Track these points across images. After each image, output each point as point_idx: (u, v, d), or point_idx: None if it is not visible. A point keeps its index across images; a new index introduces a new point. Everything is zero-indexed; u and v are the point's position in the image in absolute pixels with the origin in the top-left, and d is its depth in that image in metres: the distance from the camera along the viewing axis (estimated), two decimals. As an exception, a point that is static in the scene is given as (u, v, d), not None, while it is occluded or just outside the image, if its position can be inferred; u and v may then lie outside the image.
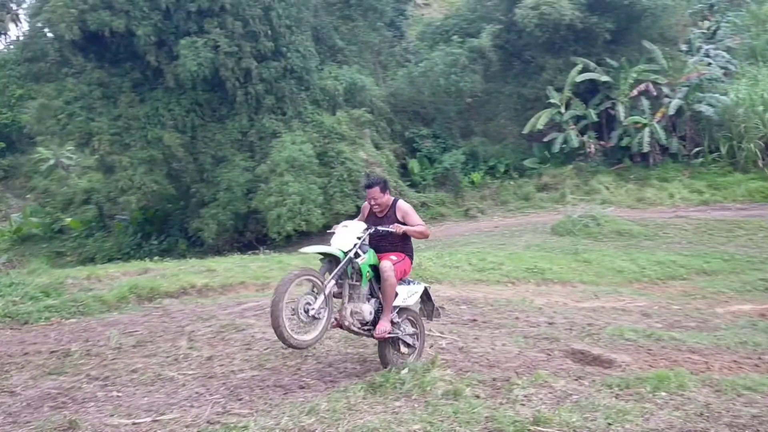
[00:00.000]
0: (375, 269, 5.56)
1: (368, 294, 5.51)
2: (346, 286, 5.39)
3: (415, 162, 27.71)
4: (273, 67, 24.38)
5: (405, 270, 5.80)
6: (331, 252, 5.31)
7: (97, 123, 24.12)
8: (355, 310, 5.38)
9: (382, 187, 5.87)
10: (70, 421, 4.38)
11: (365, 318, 5.41)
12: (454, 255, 14.45)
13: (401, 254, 5.78)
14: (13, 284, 9.62)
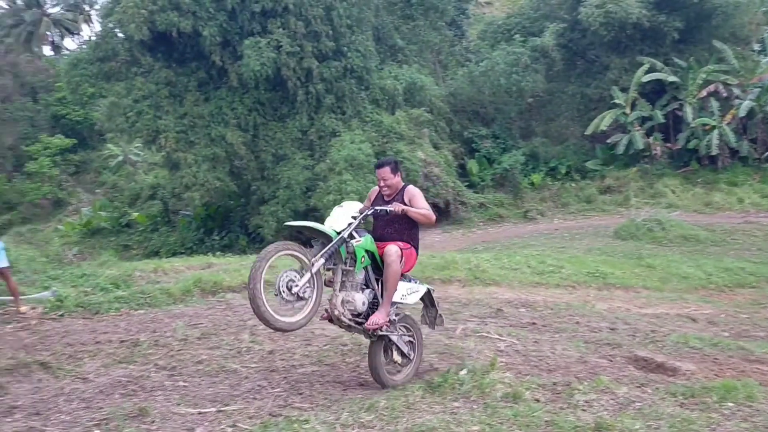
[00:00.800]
0: (372, 258, 5.16)
1: (363, 283, 5.10)
2: (339, 272, 4.95)
3: (473, 162, 27.52)
4: (333, 66, 24.60)
5: (410, 262, 5.39)
6: (321, 230, 4.86)
7: (164, 121, 24.83)
8: (347, 299, 4.94)
9: (393, 167, 5.47)
10: (140, 409, 4.55)
11: (357, 308, 4.97)
12: (512, 257, 14.28)
13: (407, 244, 5.37)
14: (84, 275, 10.06)
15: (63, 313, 7.92)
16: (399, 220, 5.29)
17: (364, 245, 5.01)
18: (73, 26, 52.05)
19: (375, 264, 5.15)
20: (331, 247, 4.78)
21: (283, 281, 4.54)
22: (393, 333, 5.25)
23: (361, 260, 4.99)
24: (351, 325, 5.04)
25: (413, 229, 5.44)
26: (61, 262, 15.96)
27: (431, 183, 24.12)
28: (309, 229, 4.92)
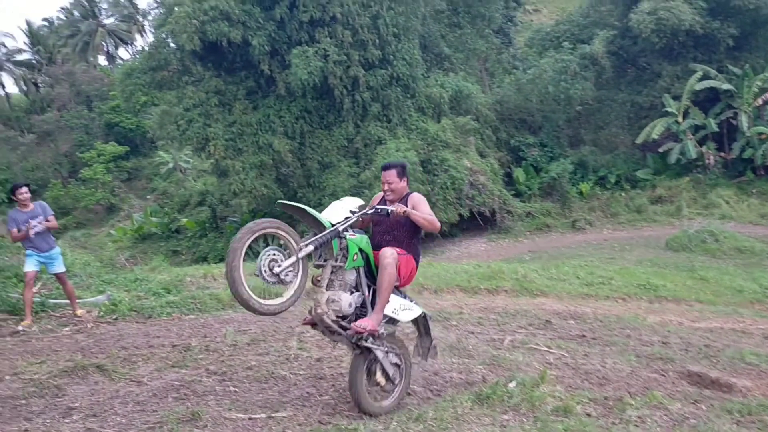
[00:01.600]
0: (366, 261, 4.77)
1: (353, 285, 4.66)
2: (328, 269, 4.55)
3: (520, 171, 27.28)
4: (380, 74, 24.74)
5: (409, 272, 4.95)
6: (315, 216, 4.49)
7: (213, 129, 25.33)
8: (333, 297, 4.50)
9: (400, 171, 5.09)
10: (192, 413, 4.63)
11: (343, 309, 4.50)
12: (560, 267, 14.08)
13: (406, 252, 4.92)
14: (137, 280, 10.30)
15: (117, 316, 8.12)
16: (399, 227, 4.95)
17: (359, 242, 4.64)
18: (127, 36, 53.70)
19: (368, 268, 4.77)
20: (324, 236, 4.41)
21: (265, 260, 4.16)
22: (379, 348, 4.78)
23: (353, 258, 4.57)
24: (333, 330, 4.55)
25: (414, 239, 5.04)
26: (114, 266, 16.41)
27: (477, 191, 23.99)
28: (303, 213, 4.54)
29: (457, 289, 11.07)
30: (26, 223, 7.84)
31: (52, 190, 38.04)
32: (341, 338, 4.66)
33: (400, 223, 4.91)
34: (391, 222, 4.92)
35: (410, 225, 4.93)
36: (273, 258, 4.19)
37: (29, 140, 41.49)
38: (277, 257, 4.21)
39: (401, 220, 4.87)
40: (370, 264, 4.78)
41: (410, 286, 5.36)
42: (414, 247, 5.05)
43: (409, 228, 4.96)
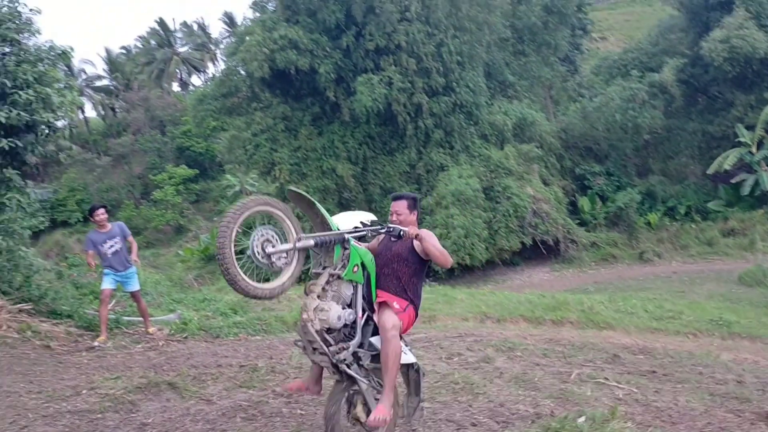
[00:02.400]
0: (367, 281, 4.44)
1: (347, 301, 4.29)
2: (325, 275, 4.22)
3: (585, 200, 26.80)
4: (443, 101, 24.88)
5: (408, 323, 4.52)
6: (324, 214, 4.25)
7: (279, 153, 25.94)
8: (322, 306, 4.14)
9: (411, 203, 4.70)
10: None
11: (330, 321, 4.10)
12: (628, 300, 13.70)
13: (404, 302, 4.48)
14: (205, 300, 10.59)
15: (187, 335, 8.35)
16: (401, 261, 4.52)
17: (363, 254, 4.34)
18: (200, 64, 55.79)
19: (367, 290, 4.42)
20: (328, 236, 4.16)
21: (259, 237, 3.90)
22: (363, 380, 4.29)
23: (353, 269, 4.24)
24: (315, 344, 4.16)
25: (414, 278, 4.58)
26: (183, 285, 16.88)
27: (540, 219, 23.68)
28: (312, 209, 4.28)
29: (521, 318, 10.90)
30: (104, 244, 8.16)
31: (125, 211, 39.57)
32: (322, 358, 4.22)
33: (403, 258, 4.53)
34: (393, 254, 4.55)
35: (414, 261, 4.54)
36: (268, 238, 3.94)
37: (105, 162, 43.38)
38: (272, 238, 3.96)
39: (405, 255, 4.52)
40: (370, 286, 4.43)
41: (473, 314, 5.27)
42: (414, 288, 4.59)
43: (411, 264, 4.54)
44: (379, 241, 4.74)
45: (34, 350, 7.84)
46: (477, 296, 13.43)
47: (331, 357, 4.14)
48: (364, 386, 4.31)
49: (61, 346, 8.02)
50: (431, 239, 4.45)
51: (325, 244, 4.18)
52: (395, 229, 4.36)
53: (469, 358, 7.52)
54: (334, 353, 4.13)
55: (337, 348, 4.14)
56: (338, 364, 4.16)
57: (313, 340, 4.13)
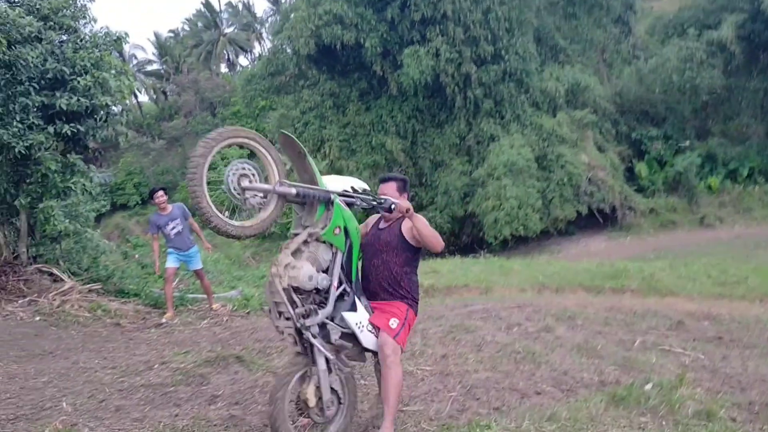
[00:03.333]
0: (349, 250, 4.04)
1: (323, 266, 3.91)
2: (303, 234, 3.87)
3: (642, 165, 26.08)
4: (492, 70, 24.48)
5: (407, 331, 4.17)
6: (313, 167, 3.89)
7: (328, 130, 26.07)
8: (294, 264, 3.76)
9: (401, 185, 4.33)
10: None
11: (300, 279, 3.72)
12: (690, 266, 13.35)
13: (403, 306, 4.14)
14: (264, 277, 10.78)
15: (249, 311, 8.54)
16: (391, 250, 4.19)
17: (347, 217, 3.98)
18: (247, 44, 56.25)
19: (348, 262, 4.04)
20: (313, 191, 3.84)
21: (235, 170, 3.63)
22: (324, 353, 3.82)
23: (334, 231, 3.89)
24: (281, 308, 3.77)
25: (407, 267, 4.24)
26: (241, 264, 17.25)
27: (596, 187, 23.20)
28: (301, 160, 3.92)
29: (579, 288, 10.74)
30: (166, 226, 8.38)
31: (180, 193, 40.45)
32: (287, 324, 3.80)
33: (393, 246, 4.20)
34: (382, 243, 4.22)
35: (405, 249, 4.22)
36: (245, 173, 3.66)
37: (159, 146, 44.35)
38: (250, 174, 3.68)
39: (395, 243, 4.19)
40: (351, 259, 4.05)
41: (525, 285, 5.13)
42: (408, 280, 4.25)
43: (402, 252, 4.21)
44: (368, 229, 4.42)
45: (105, 328, 8.17)
46: (533, 266, 13.30)
47: (296, 320, 3.71)
48: (323, 366, 3.84)
49: (130, 324, 8.34)
50: (423, 223, 4.11)
51: (307, 198, 3.85)
52: (386, 200, 4.06)
53: (529, 327, 7.47)
54: (299, 316, 3.72)
55: (303, 310, 3.74)
56: (302, 330, 3.74)
57: (279, 300, 3.75)
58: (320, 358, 3.83)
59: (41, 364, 6.22)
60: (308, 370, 3.89)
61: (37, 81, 8.45)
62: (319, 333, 3.82)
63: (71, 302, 8.45)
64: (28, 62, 8.23)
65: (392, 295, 4.18)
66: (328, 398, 3.89)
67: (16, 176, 9.02)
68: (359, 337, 3.95)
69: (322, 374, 3.85)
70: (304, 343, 3.82)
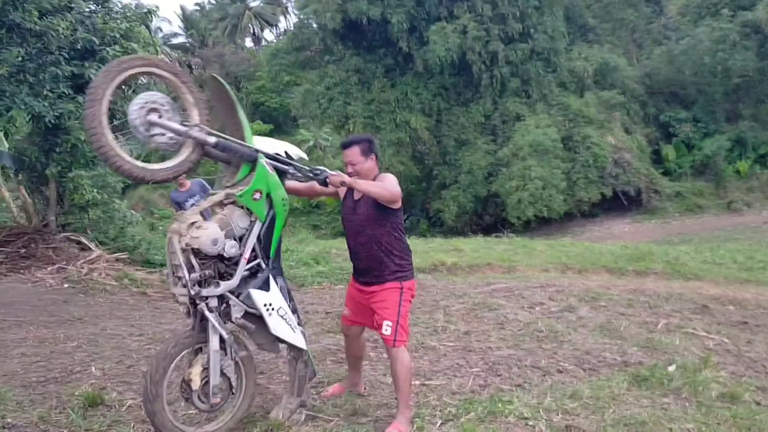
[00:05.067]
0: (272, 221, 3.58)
1: (236, 233, 3.47)
2: (221, 194, 3.53)
3: (670, 148, 25.70)
4: (520, 49, 24.19)
5: (405, 315, 3.92)
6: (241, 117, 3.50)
7: (353, 107, 26.00)
8: (199, 224, 3.34)
9: (365, 148, 3.94)
10: (351, 376, 4.84)
11: (202, 242, 3.26)
12: (715, 251, 13.20)
13: (394, 290, 3.87)
14: (287, 251, 10.85)
15: (271, 282, 8.61)
16: (371, 222, 3.87)
17: (273, 184, 3.53)
18: (272, 18, 56.07)
19: (268, 234, 3.58)
20: (237, 145, 3.45)
21: (144, 103, 3.20)
22: (223, 331, 3.37)
23: (254, 194, 3.44)
24: (179, 272, 3.32)
25: (396, 233, 3.92)
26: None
27: (621, 169, 22.95)
28: (230, 110, 3.54)
29: (603, 269, 10.67)
30: (185, 202, 8.38)
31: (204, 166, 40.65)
32: (182, 292, 3.33)
33: (373, 218, 3.86)
34: (362, 218, 3.89)
35: (385, 214, 3.87)
36: (155, 107, 3.23)
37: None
38: (162, 109, 3.25)
39: (374, 214, 3.85)
40: (272, 233, 3.60)
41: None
42: (399, 245, 3.94)
43: (383, 219, 3.88)
44: (344, 201, 4.08)
45: (131, 296, 8.32)
46: (557, 247, 13.23)
47: (190, 287, 3.25)
48: (215, 345, 3.36)
49: (156, 293, 8.47)
50: (366, 184, 3.73)
51: (229, 153, 3.45)
52: (322, 172, 3.71)
53: (552, 307, 7.46)
54: (194, 282, 3.26)
55: (199, 275, 3.29)
56: (197, 300, 3.30)
57: (177, 263, 3.29)
58: (214, 336, 3.35)
59: (70, 330, 6.36)
60: (199, 348, 3.42)
61: (67, 51, 8.55)
62: (218, 308, 3.38)
63: (99, 270, 8.61)
64: (59, 32, 8.30)
65: (385, 267, 3.89)
66: (216, 383, 3.39)
67: (46, 145, 9.16)
68: (267, 321, 3.45)
69: (213, 355, 3.36)
70: (197, 316, 3.38)
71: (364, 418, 4.13)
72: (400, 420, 3.84)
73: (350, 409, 4.26)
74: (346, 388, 4.48)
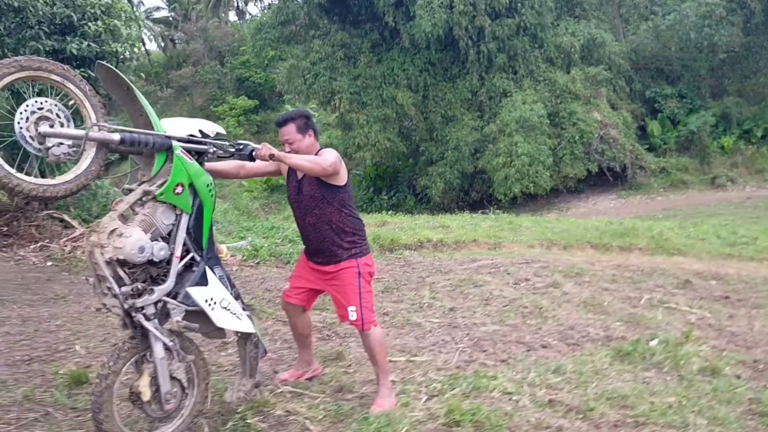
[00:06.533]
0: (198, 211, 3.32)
1: (163, 232, 3.20)
2: (138, 192, 3.21)
3: (655, 124, 25.76)
4: (507, 24, 24.01)
5: (369, 296, 3.93)
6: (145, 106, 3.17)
7: (339, 83, 25.74)
8: (121, 231, 3.03)
9: (302, 124, 3.78)
10: (337, 353, 4.88)
11: (126, 251, 2.97)
12: (699, 226, 13.32)
13: (351, 270, 3.85)
14: (273, 228, 10.82)
15: (258, 261, 8.61)
16: (317, 201, 3.79)
17: (194, 172, 3.24)
18: (257, -8, 55.14)
19: (197, 226, 3.32)
20: (145, 136, 3.11)
21: (29, 111, 2.85)
22: (164, 338, 3.18)
23: (174, 189, 3.15)
24: (101, 282, 3.08)
25: (345, 210, 3.85)
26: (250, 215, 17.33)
27: (607, 146, 23.00)
28: (128, 97, 3.23)
29: (587, 245, 10.75)
30: None
31: (189, 143, 40.41)
32: (113, 302, 3.07)
33: (320, 196, 3.78)
34: (308, 197, 3.80)
35: (332, 191, 3.79)
36: (46, 115, 2.89)
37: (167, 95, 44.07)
38: (53, 115, 2.91)
39: (321, 193, 3.77)
40: (202, 220, 3.33)
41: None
42: (350, 222, 3.86)
43: (330, 196, 3.78)
44: (287, 180, 3.97)
45: (116, 274, 8.26)
46: (542, 223, 13.29)
47: (122, 301, 3.02)
48: (160, 353, 3.17)
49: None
50: (297, 158, 3.61)
51: (139, 146, 3.11)
52: (246, 146, 3.49)
53: (537, 283, 7.52)
54: (126, 295, 3.03)
55: (131, 289, 3.06)
56: (132, 312, 3.08)
57: (99, 271, 3.04)
58: (157, 344, 3.17)
59: (54, 308, 6.33)
60: (144, 356, 3.22)
61: (47, 25, 8.39)
62: (157, 314, 3.17)
63: (82, 248, 8.54)
64: (37, 7, 8.15)
65: (338, 246, 3.83)
66: (167, 390, 3.22)
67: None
68: (211, 316, 3.24)
69: (160, 363, 3.18)
70: (135, 326, 3.16)
71: (350, 395, 4.17)
72: (383, 394, 3.91)
73: (336, 386, 4.30)
74: (299, 370, 4.41)
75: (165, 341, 3.18)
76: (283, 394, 4.12)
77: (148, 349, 3.19)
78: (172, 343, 3.23)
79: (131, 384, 3.25)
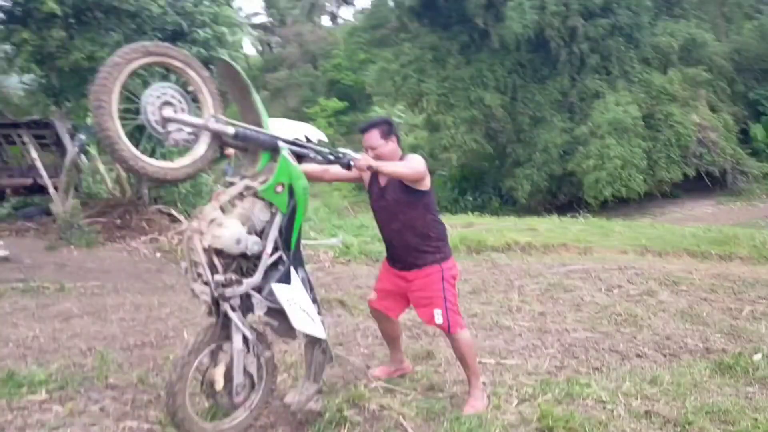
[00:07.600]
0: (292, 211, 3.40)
1: (257, 227, 3.32)
2: (240, 186, 3.32)
3: (759, 127, 24.39)
4: (600, 24, 23.41)
5: (454, 300, 3.93)
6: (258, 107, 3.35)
7: (427, 84, 25.86)
8: (220, 221, 3.19)
9: (385, 130, 3.83)
10: (427, 351, 4.99)
11: (224, 241, 3.13)
12: (807, 236, 12.56)
13: (435, 275, 3.86)
14: (363, 226, 11.09)
15: (349, 258, 8.85)
16: (402, 206, 3.80)
17: (296, 175, 3.35)
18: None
19: (289, 227, 3.40)
20: (256, 133, 3.27)
21: (156, 96, 2.97)
22: (246, 330, 3.28)
23: (275, 188, 3.27)
24: (200, 269, 3.20)
25: (429, 214, 3.88)
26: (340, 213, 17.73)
27: (706, 149, 22.03)
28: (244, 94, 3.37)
29: (684, 253, 10.37)
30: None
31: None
32: (203, 290, 3.22)
33: (404, 201, 3.79)
34: (393, 202, 3.82)
35: (417, 197, 3.80)
36: (170, 101, 3.01)
37: (263, 96, 45.34)
38: (176, 102, 3.03)
39: (405, 198, 3.78)
40: (293, 224, 3.42)
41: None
42: (434, 226, 3.90)
43: (415, 201, 3.79)
44: (369, 186, 4.00)
45: (217, 268, 8.70)
46: (635, 228, 12.92)
47: (214, 288, 3.15)
48: (239, 344, 3.27)
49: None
50: (393, 165, 3.64)
51: (248, 142, 3.29)
52: (345, 156, 3.52)
53: (631, 290, 7.36)
54: (218, 284, 3.14)
55: (224, 278, 3.17)
56: (220, 300, 3.19)
57: (197, 260, 3.19)
58: (237, 335, 3.28)
59: (163, 297, 6.76)
60: (221, 346, 3.34)
61: (161, 31, 8.94)
62: (241, 306, 3.27)
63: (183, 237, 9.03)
64: (152, 12, 8.69)
65: (423, 251, 3.85)
66: (239, 383, 3.34)
67: (139, 122, 9.60)
68: (289, 314, 3.32)
69: (237, 354, 3.29)
70: (220, 315, 3.27)
71: (441, 393, 4.26)
72: (475, 396, 3.97)
73: (426, 384, 4.39)
74: (391, 367, 4.55)
75: (246, 333, 3.28)
76: (376, 389, 4.26)
77: (225, 339, 3.30)
78: (252, 335, 3.34)
79: (206, 372, 3.34)
